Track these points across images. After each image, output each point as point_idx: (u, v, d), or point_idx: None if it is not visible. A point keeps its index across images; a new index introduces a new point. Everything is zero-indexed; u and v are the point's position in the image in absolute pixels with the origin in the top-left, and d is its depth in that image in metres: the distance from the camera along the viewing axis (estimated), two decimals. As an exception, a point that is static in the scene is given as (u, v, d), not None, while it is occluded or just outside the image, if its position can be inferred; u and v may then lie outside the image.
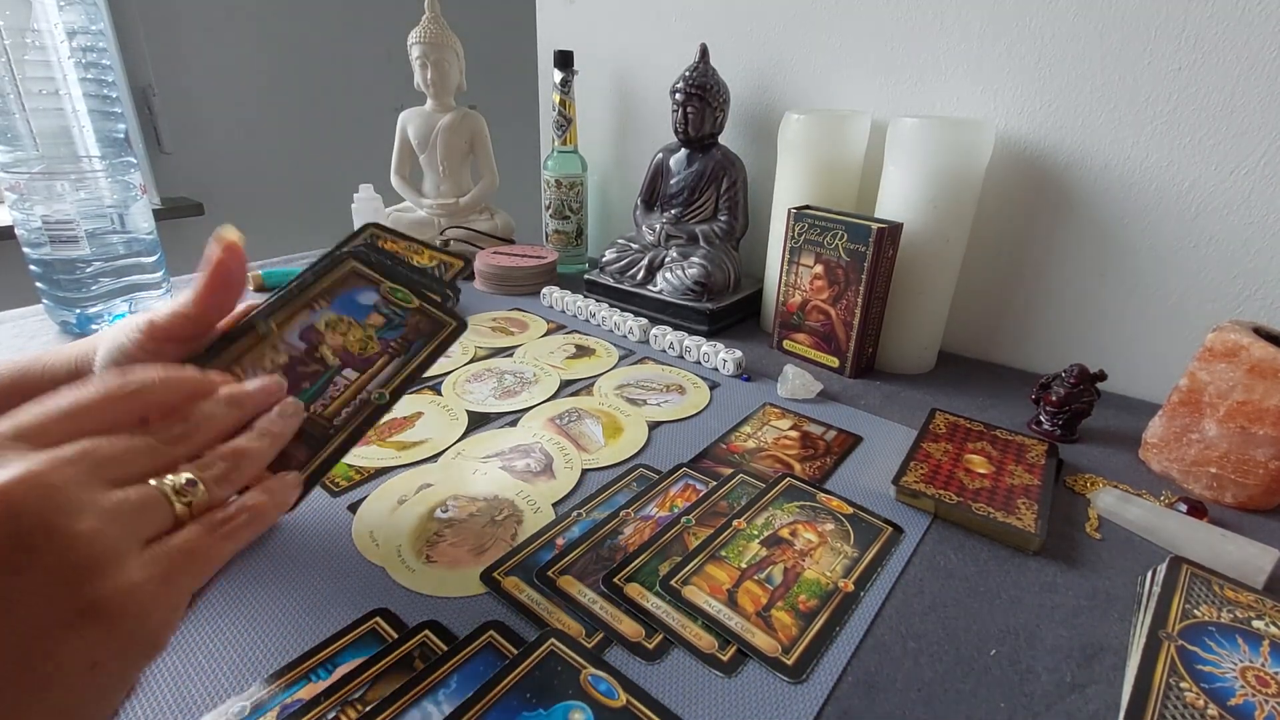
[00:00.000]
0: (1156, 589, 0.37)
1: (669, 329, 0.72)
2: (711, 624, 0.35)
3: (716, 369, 0.67)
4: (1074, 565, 0.42)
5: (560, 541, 0.42)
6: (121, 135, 0.67)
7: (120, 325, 0.33)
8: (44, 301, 0.69)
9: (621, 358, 0.69)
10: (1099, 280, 0.65)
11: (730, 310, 0.78)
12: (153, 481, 0.22)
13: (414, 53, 0.90)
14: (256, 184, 1.68)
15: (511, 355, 0.69)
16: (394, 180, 0.98)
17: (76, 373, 0.35)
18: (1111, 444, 0.56)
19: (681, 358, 0.70)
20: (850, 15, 0.72)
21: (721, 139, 0.81)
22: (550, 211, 0.96)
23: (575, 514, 0.45)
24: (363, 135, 1.83)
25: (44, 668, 0.18)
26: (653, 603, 0.37)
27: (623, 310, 0.78)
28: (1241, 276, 0.58)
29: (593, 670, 0.32)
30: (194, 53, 1.52)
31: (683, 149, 0.81)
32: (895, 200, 0.64)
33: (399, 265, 0.40)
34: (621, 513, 0.45)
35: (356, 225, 0.83)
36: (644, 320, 0.74)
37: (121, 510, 0.21)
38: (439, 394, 0.60)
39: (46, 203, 0.63)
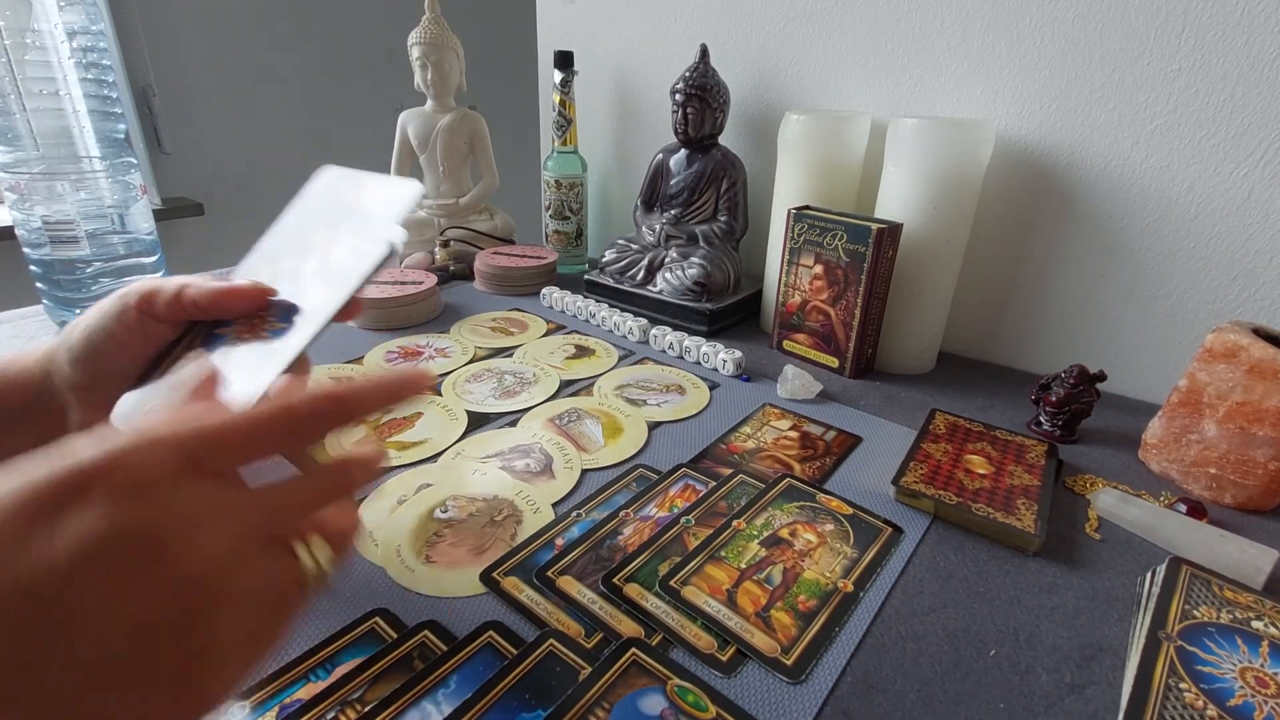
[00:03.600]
0: (1156, 589, 0.37)
1: (669, 329, 0.72)
2: (711, 624, 0.35)
3: (716, 369, 0.67)
4: (1074, 566, 0.42)
5: (560, 542, 0.42)
6: (121, 135, 0.67)
7: (97, 310, 0.32)
8: (44, 302, 0.69)
9: (621, 358, 0.69)
10: (1099, 281, 0.65)
11: (730, 310, 0.78)
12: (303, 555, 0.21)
13: (414, 53, 0.90)
14: (256, 184, 1.68)
15: (511, 355, 0.69)
16: (394, 180, 0.98)
17: (48, 376, 0.33)
18: (1111, 444, 0.56)
19: (681, 358, 0.70)
20: (850, 15, 0.72)
21: (721, 139, 0.81)
22: (550, 212, 0.96)
23: (575, 514, 0.45)
24: (363, 136, 1.83)
25: None
26: (652, 603, 0.37)
27: (622, 310, 0.78)
28: (1241, 277, 0.58)
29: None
30: (194, 53, 1.53)
31: (683, 149, 0.81)
32: (895, 201, 0.64)
33: None
34: (621, 513, 0.45)
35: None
36: (644, 320, 0.74)
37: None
38: (439, 394, 0.60)
39: (47, 203, 0.63)
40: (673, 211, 0.82)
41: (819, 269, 0.66)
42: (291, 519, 0.22)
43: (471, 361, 0.67)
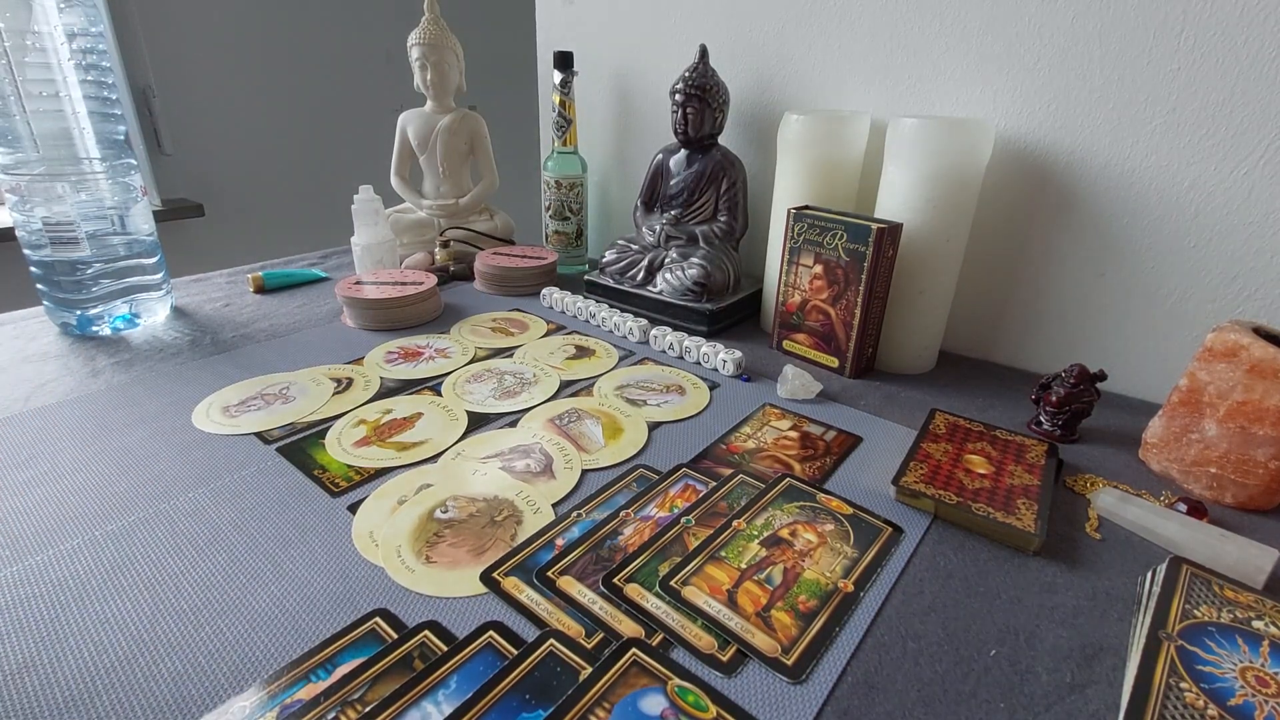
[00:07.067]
0: (1156, 589, 0.37)
1: (669, 329, 0.72)
2: (711, 624, 0.36)
3: (716, 369, 0.67)
4: (1074, 565, 0.42)
5: (560, 542, 0.42)
6: (121, 137, 0.67)
7: None
8: (45, 303, 0.69)
9: (621, 358, 0.70)
10: (1099, 280, 0.65)
11: (730, 310, 0.78)
12: None
13: (414, 54, 0.90)
14: (256, 185, 1.68)
15: (511, 356, 0.69)
16: (394, 181, 0.98)
17: None
18: (1111, 444, 0.56)
19: (681, 358, 0.70)
20: (850, 16, 0.72)
21: (721, 139, 0.81)
22: (550, 212, 0.96)
23: (575, 514, 0.45)
24: (363, 136, 1.83)
25: None
26: (652, 603, 0.37)
27: (623, 311, 0.78)
28: (1241, 276, 0.58)
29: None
30: (194, 53, 1.53)
31: (682, 149, 0.81)
32: (895, 200, 0.64)
33: None
34: (621, 513, 0.45)
35: (356, 227, 0.83)
36: (644, 321, 0.74)
37: None
38: (439, 394, 0.60)
39: (47, 204, 0.63)
40: (673, 212, 0.82)
41: (819, 268, 0.66)
42: None
43: (471, 362, 0.67)
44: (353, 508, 0.44)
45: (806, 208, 0.67)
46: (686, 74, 0.76)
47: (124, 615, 0.35)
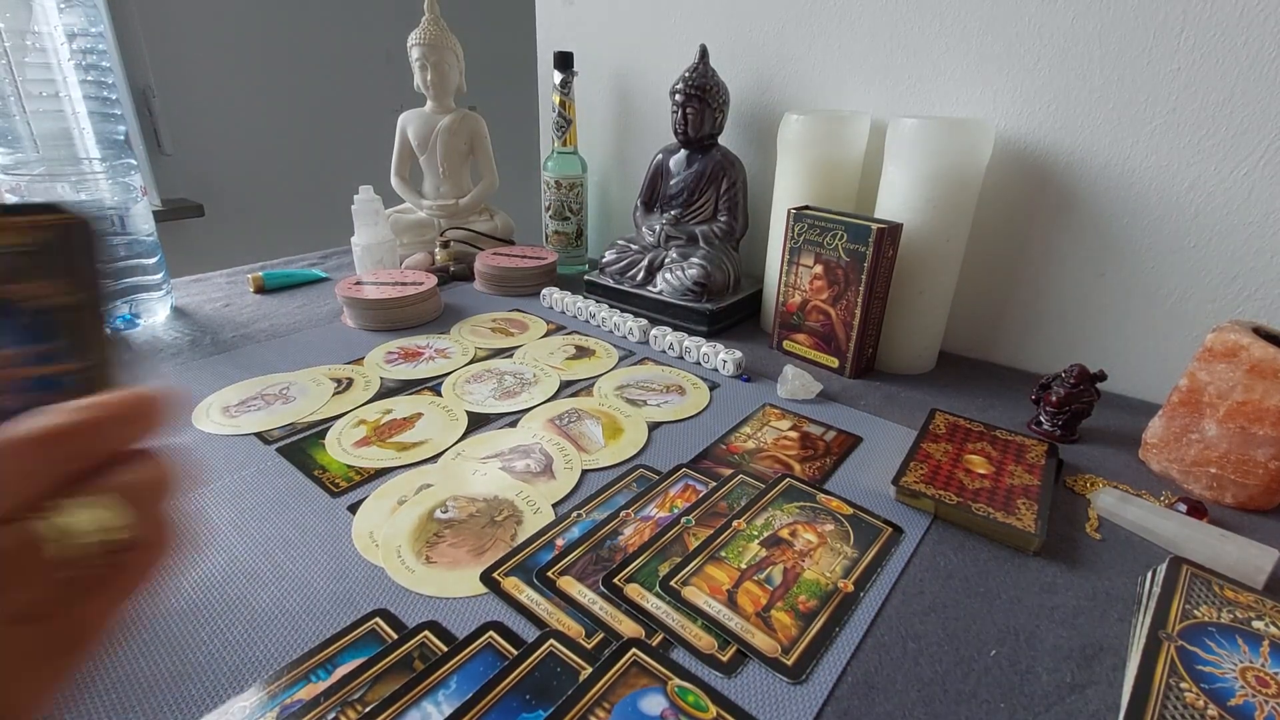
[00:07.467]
0: (1156, 589, 0.37)
1: (669, 330, 0.72)
2: (711, 624, 0.35)
3: (716, 369, 0.67)
4: (1074, 565, 0.42)
5: (560, 542, 0.42)
6: (121, 137, 0.67)
7: None
8: (44, 303, 0.69)
9: (621, 358, 0.70)
10: (1099, 280, 0.65)
11: (730, 311, 0.78)
12: None
13: (414, 54, 0.90)
14: (256, 185, 1.68)
15: (511, 356, 0.69)
16: (394, 182, 0.98)
17: None
18: (1111, 444, 0.56)
19: (681, 358, 0.70)
20: (850, 16, 0.72)
21: (721, 139, 0.81)
22: (550, 212, 0.96)
23: (575, 514, 0.45)
24: (363, 137, 1.83)
25: None
26: (652, 603, 0.37)
27: (622, 311, 0.78)
28: (1241, 276, 0.58)
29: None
30: (194, 54, 1.53)
31: (682, 150, 0.81)
32: (895, 200, 0.64)
33: None
34: (621, 513, 0.45)
35: (356, 227, 0.83)
36: (644, 321, 0.74)
37: None
38: (439, 395, 0.60)
39: (47, 204, 0.63)
40: (672, 212, 0.82)
41: (819, 269, 0.66)
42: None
43: (471, 362, 0.67)
44: (353, 508, 0.44)
45: (806, 208, 0.67)
46: (686, 74, 0.76)
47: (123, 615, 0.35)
